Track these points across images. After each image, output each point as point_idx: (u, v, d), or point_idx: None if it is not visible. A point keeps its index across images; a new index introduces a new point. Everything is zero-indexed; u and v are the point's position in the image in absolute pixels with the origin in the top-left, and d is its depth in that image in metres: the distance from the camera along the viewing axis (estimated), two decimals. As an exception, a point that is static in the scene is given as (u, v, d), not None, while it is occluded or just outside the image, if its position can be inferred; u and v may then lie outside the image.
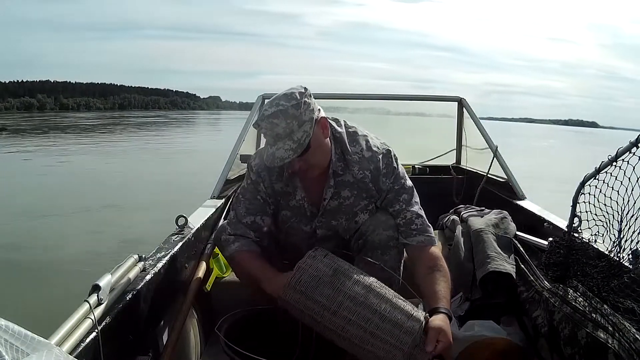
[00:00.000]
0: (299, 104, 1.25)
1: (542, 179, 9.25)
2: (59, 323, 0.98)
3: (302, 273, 1.23)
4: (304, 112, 1.26)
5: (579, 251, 1.52)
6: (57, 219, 6.01)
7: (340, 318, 1.19)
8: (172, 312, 1.49)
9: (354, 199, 1.43)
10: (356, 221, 1.43)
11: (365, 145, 1.43)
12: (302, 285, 1.22)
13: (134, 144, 17.73)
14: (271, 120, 1.25)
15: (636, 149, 1.25)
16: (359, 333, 1.18)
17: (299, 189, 1.44)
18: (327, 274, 1.23)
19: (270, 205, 1.47)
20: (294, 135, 1.26)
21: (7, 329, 0.73)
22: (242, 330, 1.37)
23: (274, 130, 1.26)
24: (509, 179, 2.50)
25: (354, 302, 1.20)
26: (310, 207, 1.45)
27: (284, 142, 1.26)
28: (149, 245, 1.68)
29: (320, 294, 1.21)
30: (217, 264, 1.90)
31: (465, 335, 1.55)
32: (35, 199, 7.13)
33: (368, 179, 1.41)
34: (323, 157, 1.37)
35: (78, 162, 12.12)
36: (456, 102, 3.24)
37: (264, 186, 1.45)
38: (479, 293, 1.81)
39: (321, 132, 1.33)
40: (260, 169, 1.44)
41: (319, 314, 1.20)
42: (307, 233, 1.48)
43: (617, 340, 1.11)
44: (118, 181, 8.96)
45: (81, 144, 17.50)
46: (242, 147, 2.67)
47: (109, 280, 1.17)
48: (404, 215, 1.42)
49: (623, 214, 1.30)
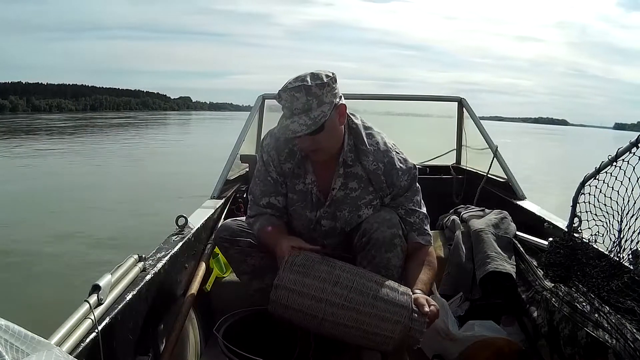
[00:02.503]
0: (323, 85, 1.28)
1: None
2: (59, 323, 0.98)
3: (295, 256, 1.26)
4: (326, 94, 1.29)
5: (579, 251, 1.52)
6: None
7: (343, 287, 1.22)
8: (172, 312, 1.49)
9: (360, 192, 1.44)
10: (359, 215, 1.44)
11: (381, 140, 1.46)
12: (299, 265, 1.24)
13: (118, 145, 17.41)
14: (293, 93, 1.27)
15: (636, 149, 1.25)
16: (363, 299, 1.21)
17: (310, 173, 1.46)
18: (318, 257, 1.28)
19: (281, 184, 1.49)
20: (311, 112, 1.28)
21: (7, 329, 0.73)
22: (242, 331, 1.37)
23: (293, 103, 1.28)
24: (509, 179, 2.50)
25: (350, 274, 1.25)
26: (317, 194, 1.46)
27: (300, 116, 1.28)
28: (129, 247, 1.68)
29: (318, 269, 1.24)
30: (217, 264, 1.90)
31: (465, 335, 1.55)
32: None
33: (381, 171, 1.42)
34: (334, 143, 1.39)
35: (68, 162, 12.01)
36: (456, 102, 3.24)
37: (273, 165, 1.47)
38: (479, 293, 1.81)
39: (337, 118, 1.35)
40: (270, 148, 1.47)
41: (320, 289, 1.21)
42: (310, 221, 1.48)
43: (617, 340, 1.11)
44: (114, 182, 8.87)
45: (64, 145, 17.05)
46: (242, 147, 2.67)
47: (109, 280, 1.17)
48: (417, 215, 1.45)
49: (623, 214, 1.30)
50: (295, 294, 1.21)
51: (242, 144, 2.68)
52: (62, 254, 4.57)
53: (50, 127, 30.96)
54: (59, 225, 5.61)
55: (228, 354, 1.21)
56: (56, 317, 1.04)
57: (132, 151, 15.19)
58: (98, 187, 8.17)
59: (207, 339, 1.73)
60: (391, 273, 1.35)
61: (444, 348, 1.56)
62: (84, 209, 6.41)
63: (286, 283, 1.22)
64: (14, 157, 12.67)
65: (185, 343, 1.53)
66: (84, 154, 14.00)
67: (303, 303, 1.22)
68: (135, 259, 1.36)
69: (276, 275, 1.25)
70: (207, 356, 1.67)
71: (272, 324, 1.41)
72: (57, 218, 5.99)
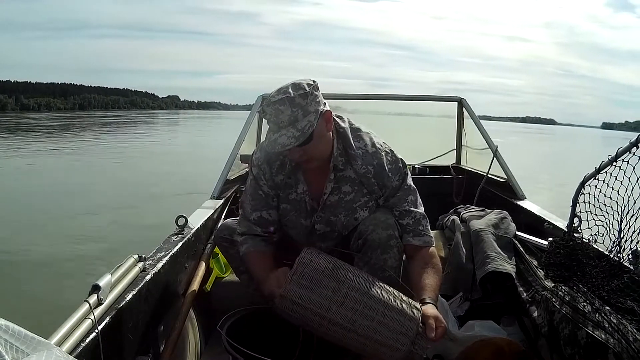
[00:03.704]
0: (306, 94, 1.27)
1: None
2: (59, 323, 0.98)
3: (304, 267, 1.22)
4: (310, 103, 1.28)
5: (579, 251, 1.52)
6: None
7: (348, 309, 1.19)
8: (172, 312, 1.49)
9: (354, 195, 1.43)
10: (355, 218, 1.43)
11: (370, 141, 1.44)
12: (306, 278, 1.20)
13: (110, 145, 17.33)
14: (277, 106, 1.26)
15: (636, 149, 1.25)
16: (367, 323, 1.19)
17: (302, 182, 1.45)
18: (329, 267, 1.23)
19: (273, 198, 1.48)
20: (297, 124, 1.27)
21: (7, 329, 0.73)
22: (243, 330, 1.37)
23: (278, 116, 1.27)
24: (509, 179, 2.50)
25: (359, 293, 1.21)
26: (310, 202, 1.46)
27: (287, 129, 1.27)
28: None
29: (325, 286, 1.20)
30: (217, 264, 1.90)
31: (465, 335, 1.55)
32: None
33: (371, 174, 1.41)
34: (324, 150, 1.38)
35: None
36: (456, 102, 3.24)
37: (265, 179, 1.46)
38: (479, 293, 1.81)
39: (325, 125, 1.34)
40: (260, 161, 1.46)
41: (325, 308, 1.19)
42: (306, 228, 1.48)
43: (617, 340, 1.11)
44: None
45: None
46: (242, 147, 2.67)
47: (109, 280, 1.17)
48: (413, 216, 1.43)
49: (623, 214, 1.30)
50: (300, 307, 1.20)
51: (242, 144, 2.68)
52: (58, 255, 4.57)
53: (38, 125, 30.91)
54: (55, 225, 5.63)
55: (231, 351, 1.21)
56: (56, 317, 1.04)
57: (121, 150, 15.17)
58: (92, 186, 8.20)
59: (207, 339, 1.73)
60: (388, 274, 1.35)
61: (444, 348, 1.56)
62: (73, 208, 6.40)
63: (292, 296, 1.20)
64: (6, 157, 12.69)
65: (185, 343, 1.53)
66: (74, 153, 14.02)
67: (307, 316, 1.21)
68: (135, 259, 1.36)
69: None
70: (207, 356, 1.67)
71: (274, 322, 1.41)
72: (50, 219, 5.98)
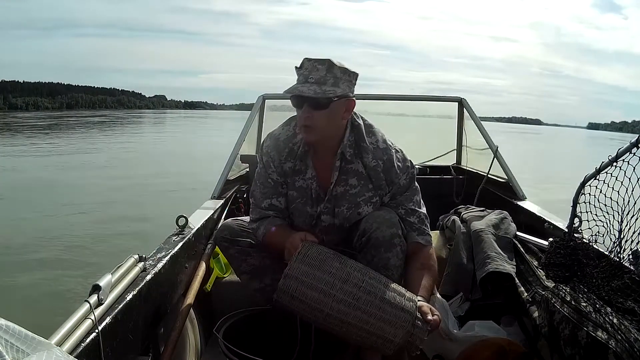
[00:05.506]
0: (346, 72, 1.34)
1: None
2: (59, 323, 0.98)
3: (308, 248, 1.27)
4: (344, 81, 1.35)
5: (579, 251, 1.52)
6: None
7: (351, 285, 1.23)
8: (172, 312, 1.49)
9: (359, 189, 1.45)
10: (359, 212, 1.44)
11: (381, 138, 1.48)
12: (311, 258, 1.25)
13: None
14: (316, 64, 1.33)
15: (636, 149, 1.25)
16: (370, 298, 1.22)
17: (311, 168, 1.47)
18: (330, 253, 1.29)
19: (282, 185, 1.50)
20: (324, 86, 1.32)
21: (7, 329, 0.73)
22: (242, 331, 1.37)
23: (312, 72, 1.33)
24: (509, 179, 2.50)
25: (361, 273, 1.26)
26: (317, 189, 1.47)
27: (312, 84, 1.32)
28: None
29: (329, 264, 1.25)
30: (217, 264, 1.90)
31: (465, 335, 1.55)
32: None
33: (380, 168, 1.44)
34: (330, 130, 1.40)
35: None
36: (456, 102, 3.24)
37: (274, 166, 1.48)
38: (479, 293, 1.81)
39: (343, 110, 1.38)
40: (270, 148, 1.49)
41: (330, 284, 1.22)
42: (311, 217, 1.49)
43: (617, 341, 1.11)
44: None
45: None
46: (242, 147, 2.67)
47: (109, 280, 1.17)
48: (417, 215, 1.47)
49: (623, 214, 1.30)
50: (304, 286, 1.22)
51: (242, 144, 2.68)
52: (58, 255, 4.57)
53: (27, 124, 30.86)
54: (52, 226, 5.63)
55: (228, 354, 1.21)
56: (56, 317, 1.04)
57: (108, 151, 15.11)
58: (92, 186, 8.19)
59: (207, 339, 1.73)
60: (391, 273, 1.36)
61: (444, 348, 1.56)
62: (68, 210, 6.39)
63: (296, 274, 1.23)
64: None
65: (185, 343, 1.53)
66: (65, 151, 13.99)
67: (311, 295, 1.22)
68: (136, 259, 1.36)
69: (278, 272, 1.26)
70: (207, 356, 1.67)
71: (273, 323, 1.42)
72: (49, 219, 5.99)
